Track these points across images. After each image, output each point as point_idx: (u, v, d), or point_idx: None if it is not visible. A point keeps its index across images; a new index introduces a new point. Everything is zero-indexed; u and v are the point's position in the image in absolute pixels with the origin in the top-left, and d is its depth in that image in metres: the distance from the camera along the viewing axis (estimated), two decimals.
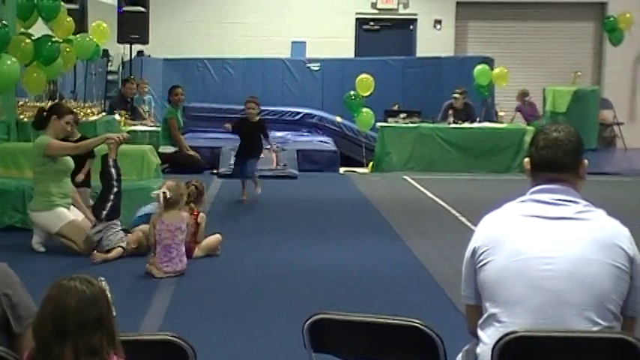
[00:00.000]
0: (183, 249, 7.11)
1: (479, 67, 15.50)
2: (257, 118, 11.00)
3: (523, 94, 16.61)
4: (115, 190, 7.57)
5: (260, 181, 10.98)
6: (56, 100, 10.73)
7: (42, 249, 7.83)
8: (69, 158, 7.90)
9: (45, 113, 7.90)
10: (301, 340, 3.19)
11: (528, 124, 15.43)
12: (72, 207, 7.99)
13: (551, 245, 2.94)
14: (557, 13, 18.55)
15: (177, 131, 13.41)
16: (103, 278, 2.84)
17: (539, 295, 2.90)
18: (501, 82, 15.47)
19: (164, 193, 7.06)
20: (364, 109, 14.51)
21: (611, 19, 17.46)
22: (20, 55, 9.31)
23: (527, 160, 3.12)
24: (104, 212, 7.56)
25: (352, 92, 14.42)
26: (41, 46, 9.76)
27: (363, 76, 14.58)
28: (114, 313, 2.58)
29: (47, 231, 7.85)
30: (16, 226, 8.71)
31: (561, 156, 3.03)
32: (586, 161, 3.10)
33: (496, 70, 15.44)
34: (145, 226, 7.66)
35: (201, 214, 7.83)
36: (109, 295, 2.62)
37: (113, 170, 7.58)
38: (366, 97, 14.52)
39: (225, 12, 18.27)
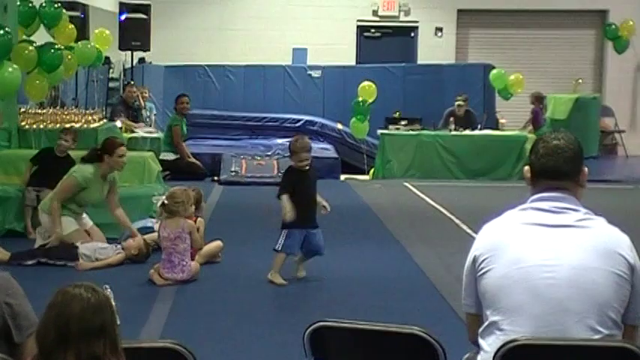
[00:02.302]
0: (187, 260, 7.08)
1: (494, 71, 15.52)
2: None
3: (539, 98, 16.38)
4: None
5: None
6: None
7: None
8: (94, 194, 7.96)
9: (98, 151, 7.98)
10: (302, 347, 3.19)
11: (535, 130, 15.42)
12: (85, 215, 8.12)
13: (551, 253, 2.94)
14: (558, 20, 18.56)
15: (180, 139, 13.46)
16: (108, 286, 2.83)
17: (541, 303, 2.90)
18: (517, 88, 15.47)
19: (163, 201, 7.10)
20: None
21: (612, 26, 17.48)
22: (23, 62, 9.32)
23: (527, 167, 3.12)
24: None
25: (360, 98, 14.39)
26: (44, 54, 9.77)
27: (366, 83, 14.58)
28: (118, 322, 2.57)
29: (50, 234, 7.91)
30: (17, 231, 8.73)
31: (561, 164, 3.03)
32: (586, 169, 3.10)
33: (512, 77, 15.44)
34: (151, 235, 7.72)
35: (200, 218, 7.83)
36: (114, 304, 2.61)
37: None
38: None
39: (227, 19, 18.29)
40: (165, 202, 7.09)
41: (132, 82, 14.28)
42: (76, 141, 9.18)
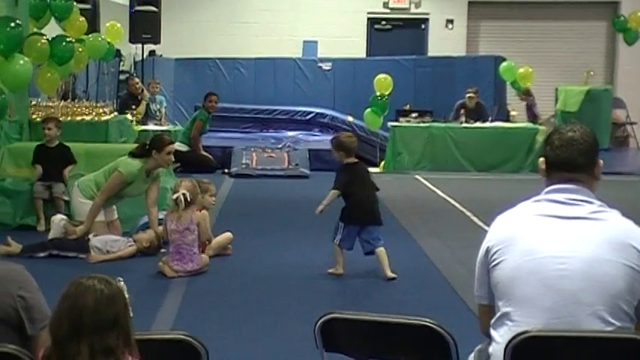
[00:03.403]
0: (195, 249, 7.11)
1: (504, 64, 15.45)
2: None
3: (526, 91, 16.16)
4: None
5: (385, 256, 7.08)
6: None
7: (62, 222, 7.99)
8: (136, 189, 8.00)
9: (147, 147, 8.00)
10: (313, 339, 3.19)
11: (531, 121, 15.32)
12: (114, 207, 8.19)
13: (564, 245, 2.93)
14: (569, 12, 18.49)
15: (198, 133, 13.52)
16: (121, 279, 2.84)
17: (553, 295, 2.89)
18: (526, 81, 15.38)
19: (184, 194, 7.07)
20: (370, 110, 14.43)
21: (622, 18, 17.40)
22: (36, 55, 9.33)
23: (542, 159, 3.11)
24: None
25: (378, 93, 14.33)
26: (55, 46, 9.79)
27: (382, 76, 14.49)
28: (131, 314, 2.58)
29: (75, 214, 8.08)
30: (29, 225, 8.76)
31: (576, 156, 3.01)
32: (601, 161, 3.09)
33: (521, 70, 15.36)
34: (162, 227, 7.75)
35: (204, 211, 7.82)
36: (127, 296, 2.62)
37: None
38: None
39: (237, 12, 18.29)
40: (188, 196, 7.08)
41: (133, 74, 14.29)
42: (60, 128, 9.20)
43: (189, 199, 7.08)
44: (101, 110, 11.08)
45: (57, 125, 9.17)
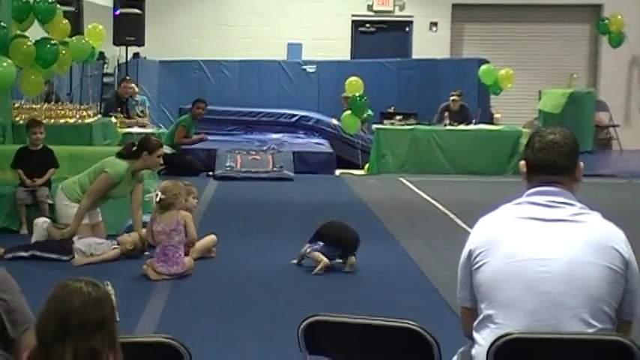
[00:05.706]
0: (181, 252, 7.09)
1: (483, 67, 15.48)
2: None
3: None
4: None
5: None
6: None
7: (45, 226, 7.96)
8: (120, 191, 7.95)
9: (135, 148, 7.95)
10: (296, 342, 3.19)
11: None
12: (98, 209, 8.15)
13: (546, 247, 2.94)
14: (552, 15, 18.56)
15: (180, 140, 13.55)
16: (109, 282, 2.84)
17: (535, 297, 2.90)
18: (506, 83, 15.43)
19: (157, 195, 7.09)
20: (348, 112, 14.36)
21: (606, 21, 17.50)
22: (21, 57, 9.27)
23: (522, 162, 3.12)
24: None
25: (357, 94, 14.30)
26: (40, 49, 9.74)
27: (352, 78, 14.50)
28: (117, 318, 2.58)
29: (59, 217, 8.03)
30: (11, 229, 8.71)
31: (557, 158, 3.03)
32: (582, 163, 3.11)
33: (501, 72, 15.40)
34: (142, 229, 7.72)
35: (186, 212, 7.78)
36: (114, 300, 2.62)
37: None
38: None
39: (221, 14, 18.27)
40: (162, 196, 7.08)
41: (127, 78, 14.26)
42: (46, 131, 9.14)
43: (159, 199, 7.06)
44: (85, 113, 11.03)
45: (45, 129, 9.13)
